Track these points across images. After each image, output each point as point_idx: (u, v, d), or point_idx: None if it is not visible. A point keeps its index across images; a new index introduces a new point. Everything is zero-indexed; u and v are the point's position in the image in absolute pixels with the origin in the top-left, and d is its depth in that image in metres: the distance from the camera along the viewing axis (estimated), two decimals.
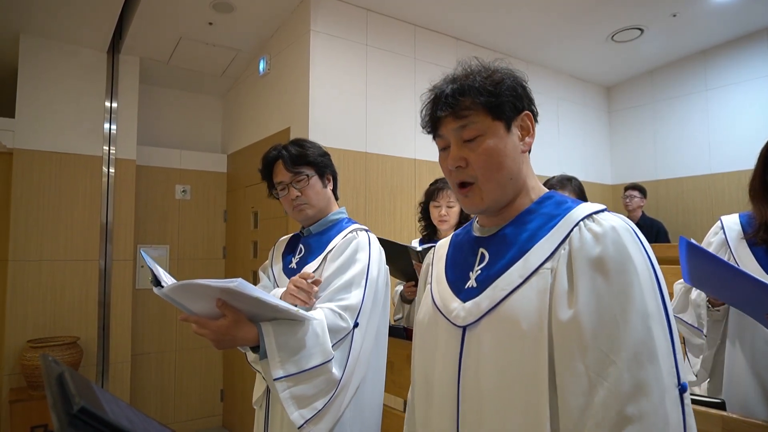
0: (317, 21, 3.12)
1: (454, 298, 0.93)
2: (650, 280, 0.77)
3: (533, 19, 3.66)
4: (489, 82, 0.88)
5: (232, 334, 1.17)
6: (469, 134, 0.89)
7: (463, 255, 0.98)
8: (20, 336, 3.11)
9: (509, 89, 0.89)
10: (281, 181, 1.54)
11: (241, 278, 1.08)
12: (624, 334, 0.73)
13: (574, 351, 0.76)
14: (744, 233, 1.43)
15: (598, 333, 0.75)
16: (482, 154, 0.88)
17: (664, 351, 0.74)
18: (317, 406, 1.26)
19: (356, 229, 1.53)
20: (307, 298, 1.35)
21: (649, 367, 0.72)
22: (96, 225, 3.42)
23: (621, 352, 0.73)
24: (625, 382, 0.71)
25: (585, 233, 0.82)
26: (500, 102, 0.88)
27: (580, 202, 0.89)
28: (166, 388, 3.91)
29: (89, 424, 0.40)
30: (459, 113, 0.89)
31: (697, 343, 1.58)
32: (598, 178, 4.96)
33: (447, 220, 2.30)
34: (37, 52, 3.27)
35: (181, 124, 4.30)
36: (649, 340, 0.73)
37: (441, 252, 1.06)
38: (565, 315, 0.78)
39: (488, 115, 0.88)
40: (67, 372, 0.49)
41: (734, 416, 1.05)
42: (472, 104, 0.88)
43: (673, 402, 0.72)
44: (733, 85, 4.25)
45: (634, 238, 0.80)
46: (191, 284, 1.07)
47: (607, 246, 0.79)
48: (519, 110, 0.91)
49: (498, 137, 0.88)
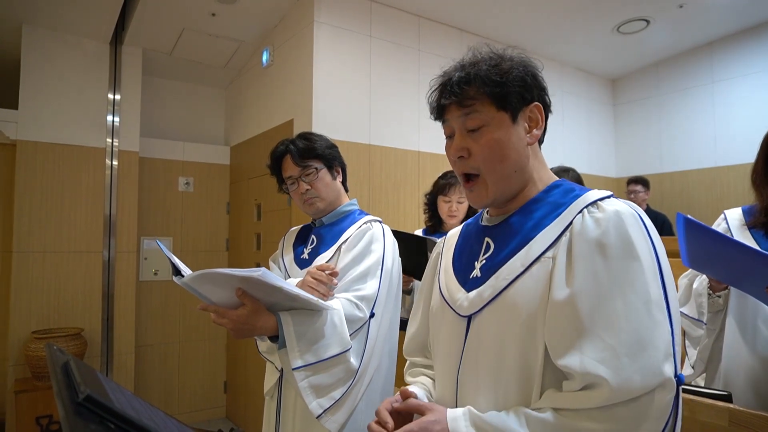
0: (321, 12, 3.10)
1: (459, 288, 0.93)
2: (653, 266, 0.75)
3: (538, 10, 3.63)
4: (496, 71, 0.86)
5: (251, 323, 1.18)
6: (472, 123, 0.88)
7: (470, 244, 0.98)
8: (25, 327, 3.13)
9: (517, 79, 0.87)
10: (290, 176, 1.55)
11: (264, 268, 1.09)
12: (624, 320, 0.73)
13: (569, 334, 0.75)
14: (745, 221, 1.45)
15: (596, 317, 0.74)
16: (485, 145, 0.87)
17: (665, 339, 0.73)
18: (335, 396, 1.28)
19: (370, 220, 1.54)
20: (325, 290, 1.36)
21: (650, 353, 0.71)
22: (99, 217, 3.42)
23: (620, 337, 0.72)
24: (625, 367, 0.70)
25: (587, 218, 0.81)
26: (506, 92, 0.86)
27: (588, 189, 0.88)
28: (170, 379, 3.93)
29: (95, 413, 0.40)
30: (463, 102, 0.88)
31: (697, 335, 1.59)
32: (603, 171, 4.93)
33: (456, 215, 2.31)
34: (40, 43, 3.26)
35: (184, 116, 4.29)
36: (651, 326, 0.72)
37: (451, 241, 1.06)
38: (561, 295, 0.77)
39: (493, 105, 0.87)
40: (73, 361, 0.49)
41: (741, 409, 1.04)
42: (476, 93, 0.87)
43: (669, 391, 0.72)
44: (739, 78, 4.21)
45: (638, 223, 0.78)
46: (212, 273, 1.07)
47: (608, 229, 0.77)
48: (527, 101, 0.89)
49: (502, 128, 0.87)
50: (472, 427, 0.78)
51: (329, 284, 1.37)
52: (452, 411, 0.81)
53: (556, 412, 0.74)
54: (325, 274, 1.37)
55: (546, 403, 0.77)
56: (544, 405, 0.77)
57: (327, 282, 1.36)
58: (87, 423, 0.39)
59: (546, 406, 0.76)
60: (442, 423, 0.80)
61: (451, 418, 0.80)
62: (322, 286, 1.35)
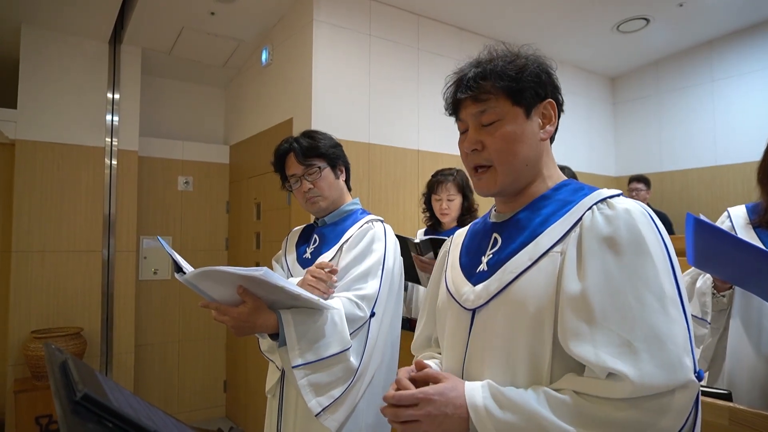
0: (320, 10, 3.09)
1: (465, 282, 0.93)
2: (665, 263, 0.76)
3: (538, 9, 3.62)
4: (511, 67, 0.88)
5: (252, 321, 1.18)
6: (487, 118, 0.89)
7: (478, 241, 0.98)
8: (24, 327, 3.12)
9: (532, 75, 0.88)
10: (294, 174, 1.55)
11: (266, 267, 1.09)
12: (638, 314, 0.72)
13: (582, 326, 0.75)
14: (750, 220, 1.44)
15: (608, 312, 0.74)
16: (499, 138, 0.88)
17: (683, 334, 0.72)
18: (335, 394, 1.28)
19: (372, 219, 1.54)
20: (325, 288, 1.36)
21: (670, 348, 0.71)
22: (99, 216, 3.42)
23: (635, 332, 0.71)
24: (645, 363, 0.70)
25: (597, 215, 0.81)
26: (521, 87, 0.87)
27: (597, 188, 0.88)
28: (170, 378, 3.92)
29: (92, 411, 0.40)
30: (479, 97, 0.89)
31: (700, 334, 1.58)
32: (603, 170, 4.93)
33: (448, 213, 2.31)
34: (38, 42, 3.25)
35: (184, 115, 4.29)
36: (667, 321, 0.72)
37: (458, 239, 1.07)
38: (573, 288, 0.77)
39: (508, 100, 0.88)
40: (71, 360, 0.49)
41: (741, 407, 1.04)
42: (492, 88, 0.88)
43: (692, 389, 0.71)
44: (739, 76, 4.21)
45: (648, 221, 0.79)
46: (214, 271, 1.07)
47: (619, 227, 0.78)
48: (541, 97, 0.90)
49: (516, 123, 0.88)
50: (491, 398, 0.78)
51: (329, 282, 1.37)
52: (470, 383, 0.82)
53: (578, 395, 0.74)
54: (324, 272, 1.37)
55: (566, 385, 0.76)
56: (564, 386, 0.76)
57: (326, 280, 1.36)
58: (85, 422, 0.38)
59: (567, 388, 0.76)
60: (459, 391, 0.80)
61: (469, 388, 0.80)
62: (321, 284, 1.36)
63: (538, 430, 0.73)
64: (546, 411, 0.73)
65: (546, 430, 0.72)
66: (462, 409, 0.78)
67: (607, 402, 0.72)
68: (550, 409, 0.73)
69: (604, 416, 0.71)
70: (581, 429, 0.71)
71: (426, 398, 0.79)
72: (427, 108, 3.50)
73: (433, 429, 0.79)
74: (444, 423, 0.78)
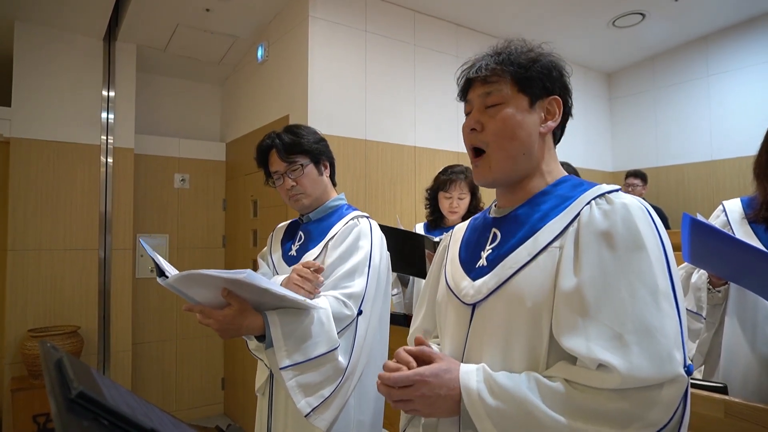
0: (316, 7, 3.08)
1: (464, 277, 0.94)
2: (660, 258, 0.76)
3: (534, 5, 3.62)
4: (524, 57, 0.91)
5: (237, 323, 1.16)
6: (492, 100, 0.91)
7: (477, 236, 0.99)
8: (21, 325, 3.11)
9: (542, 67, 0.91)
10: (276, 170, 1.52)
11: (249, 270, 1.07)
12: (630, 308, 0.73)
13: (575, 320, 0.76)
14: (745, 214, 1.44)
15: (602, 305, 0.75)
16: (498, 120, 0.90)
17: (674, 328, 0.73)
18: (324, 394, 1.26)
19: (357, 216, 1.51)
20: (311, 287, 1.34)
21: (660, 341, 0.71)
22: (95, 214, 3.41)
23: (626, 326, 0.72)
24: (635, 355, 0.71)
25: (595, 210, 0.82)
26: (529, 76, 0.90)
27: (596, 184, 0.89)
28: (168, 376, 3.92)
29: (88, 409, 0.39)
30: (488, 79, 0.91)
31: (694, 328, 1.58)
32: (599, 165, 4.94)
33: (457, 212, 2.31)
34: (32, 39, 3.23)
35: (179, 113, 4.27)
36: (658, 315, 0.73)
37: (458, 234, 1.07)
38: (568, 283, 0.78)
39: (515, 87, 0.90)
40: (66, 357, 0.49)
41: (736, 400, 1.05)
42: (501, 72, 0.90)
43: (681, 384, 0.72)
44: (735, 71, 4.21)
45: (646, 216, 0.79)
46: (197, 274, 1.05)
47: (615, 222, 0.79)
48: (548, 91, 0.92)
49: (518, 109, 0.89)
50: (483, 383, 0.79)
51: (315, 281, 1.34)
52: (465, 365, 0.83)
53: (568, 384, 0.75)
54: (309, 270, 1.34)
55: (558, 372, 0.77)
56: (555, 374, 0.77)
57: (312, 279, 1.34)
58: (80, 420, 0.38)
59: (558, 376, 0.77)
60: (454, 373, 0.82)
61: (464, 371, 0.82)
62: (307, 283, 1.33)
63: (528, 418, 0.74)
64: (537, 399, 0.75)
65: (536, 418, 0.74)
66: (455, 390, 0.81)
67: (596, 392, 0.73)
68: (540, 397, 0.75)
69: (594, 407, 0.72)
70: (570, 419, 0.73)
71: (421, 380, 0.81)
72: (423, 104, 3.49)
73: (424, 409, 0.82)
74: (436, 403, 0.81)
